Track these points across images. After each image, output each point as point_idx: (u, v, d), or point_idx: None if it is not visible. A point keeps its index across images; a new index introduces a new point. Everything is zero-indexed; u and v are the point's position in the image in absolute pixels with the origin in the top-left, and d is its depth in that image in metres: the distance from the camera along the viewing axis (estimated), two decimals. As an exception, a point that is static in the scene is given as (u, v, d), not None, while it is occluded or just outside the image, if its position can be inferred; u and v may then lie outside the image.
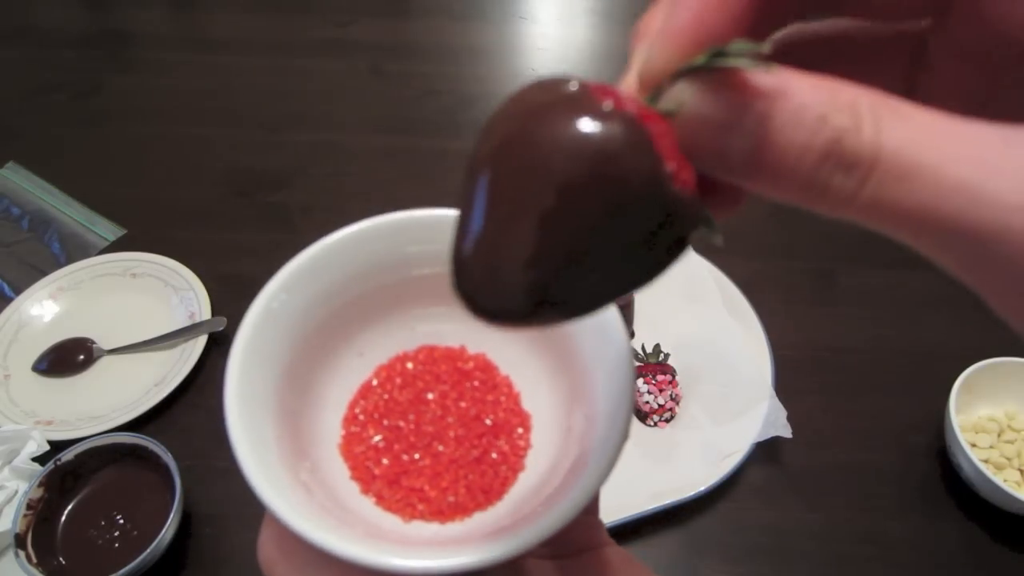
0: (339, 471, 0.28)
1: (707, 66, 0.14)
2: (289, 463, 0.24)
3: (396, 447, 0.28)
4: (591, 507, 0.28)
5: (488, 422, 0.29)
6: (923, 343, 0.72)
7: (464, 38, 1.12)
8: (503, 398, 0.30)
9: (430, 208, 0.29)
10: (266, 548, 0.24)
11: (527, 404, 0.31)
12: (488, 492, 0.27)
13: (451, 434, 0.29)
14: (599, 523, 0.28)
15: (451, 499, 0.27)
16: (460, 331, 0.31)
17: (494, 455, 0.28)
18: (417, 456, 0.28)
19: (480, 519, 0.27)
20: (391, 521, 0.27)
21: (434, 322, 0.31)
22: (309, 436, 0.28)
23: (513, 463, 0.28)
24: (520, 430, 0.29)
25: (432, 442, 0.29)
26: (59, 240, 0.82)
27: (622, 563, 0.25)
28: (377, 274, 0.29)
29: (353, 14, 1.13)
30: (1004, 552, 0.59)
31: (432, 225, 0.29)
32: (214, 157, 0.91)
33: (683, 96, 0.14)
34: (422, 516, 0.27)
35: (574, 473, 0.24)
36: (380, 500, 0.27)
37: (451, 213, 0.28)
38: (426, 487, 0.27)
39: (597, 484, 0.22)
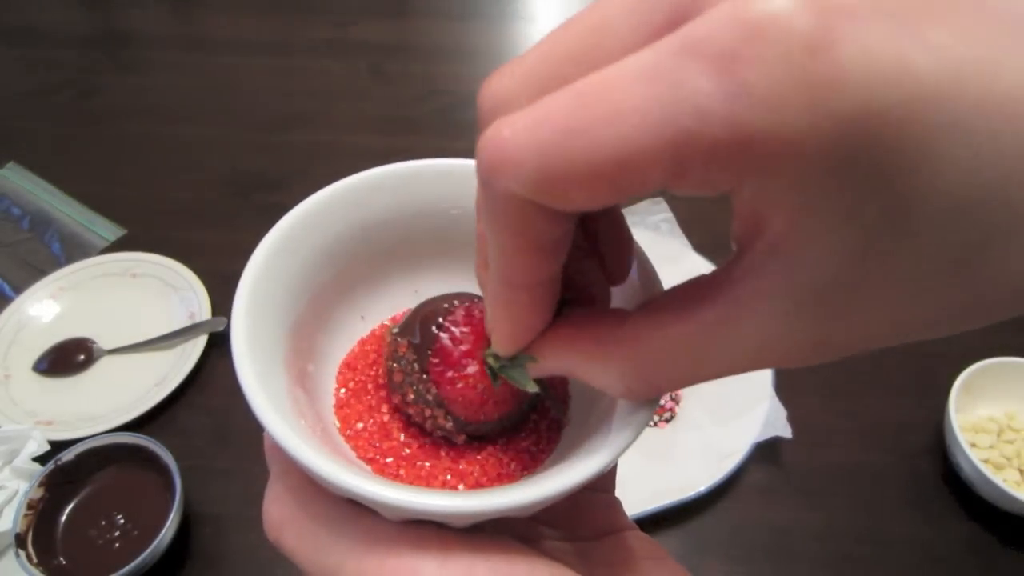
0: (346, 451, 0.25)
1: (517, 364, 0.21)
2: (305, 419, 0.22)
3: (405, 418, 0.26)
4: (607, 485, 0.27)
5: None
6: (923, 343, 0.72)
7: (464, 38, 1.12)
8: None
9: (440, 158, 0.27)
10: (275, 505, 0.21)
11: None
12: (534, 455, 0.25)
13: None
14: (617, 503, 0.27)
15: (482, 470, 0.25)
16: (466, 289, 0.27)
17: (533, 418, 0.26)
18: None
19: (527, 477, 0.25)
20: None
21: (440, 281, 0.28)
22: (319, 403, 0.26)
23: (556, 421, 0.26)
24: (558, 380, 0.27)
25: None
26: (59, 240, 0.82)
27: (644, 549, 0.24)
28: (380, 229, 0.27)
29: (353, 14, 1.13)
30: (1004, 552, 0.59)
31: (443, 174, 0.27)
32: (214, 157, 0.91)
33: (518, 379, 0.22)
34: (452, 489, 0.25)
35: (611, 412, 0.22)
36: (396, 480, 0.24)
37: (462, 163, 0.26)
38: (450, 467, 0.25)
39: (638, 425, 0.20)
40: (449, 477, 0.25)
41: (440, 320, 0.24)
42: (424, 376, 0.23)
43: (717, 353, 0.16)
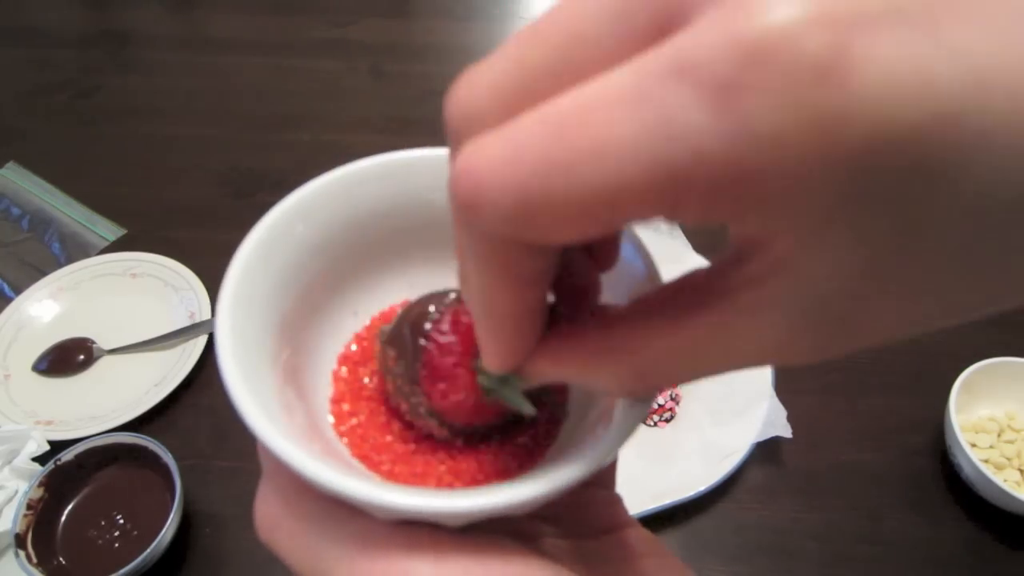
0: (340, 448, 0.25)
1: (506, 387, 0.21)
2: (295, 417, 0.22)
3: (403, 419, 0.25)
4: (607, 481, 0.27)
5: None
6: (923, 343, 0.72)
7: (464, 38, 1.12)
8: None
9: (429, 148, 0.26)
10: (266, 506, 0.20)
11: None
12: (532, 450, 0.25)
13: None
14: (618, 499, 0.26)
15: (478, 467, 0.25)
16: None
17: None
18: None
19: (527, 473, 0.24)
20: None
21: (433, 273, 0.28)
22: (312, 401, 0.25)
23: (555, 415, 0.26)
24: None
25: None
26: (59, 240, 0.82)
27: (645, 546, 0.23)
28: (370, 221, 0.26)
29: (353, 14, 1.13)
30: (1004, 552, 0.59)
31: (433, 164, 0.26)
32: (214, 157, 0.91)
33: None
34: (449, 485, 0.24)
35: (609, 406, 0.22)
36: (391, 477, 0.24)
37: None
38: (446, 464, 0.24)
39: (636, 418, 0.20)
40: (445, 475, 0.24)
41: (426, 328, 0.23)
42: (416, 388, 0.23)
43: (713, 357, 0.16)
